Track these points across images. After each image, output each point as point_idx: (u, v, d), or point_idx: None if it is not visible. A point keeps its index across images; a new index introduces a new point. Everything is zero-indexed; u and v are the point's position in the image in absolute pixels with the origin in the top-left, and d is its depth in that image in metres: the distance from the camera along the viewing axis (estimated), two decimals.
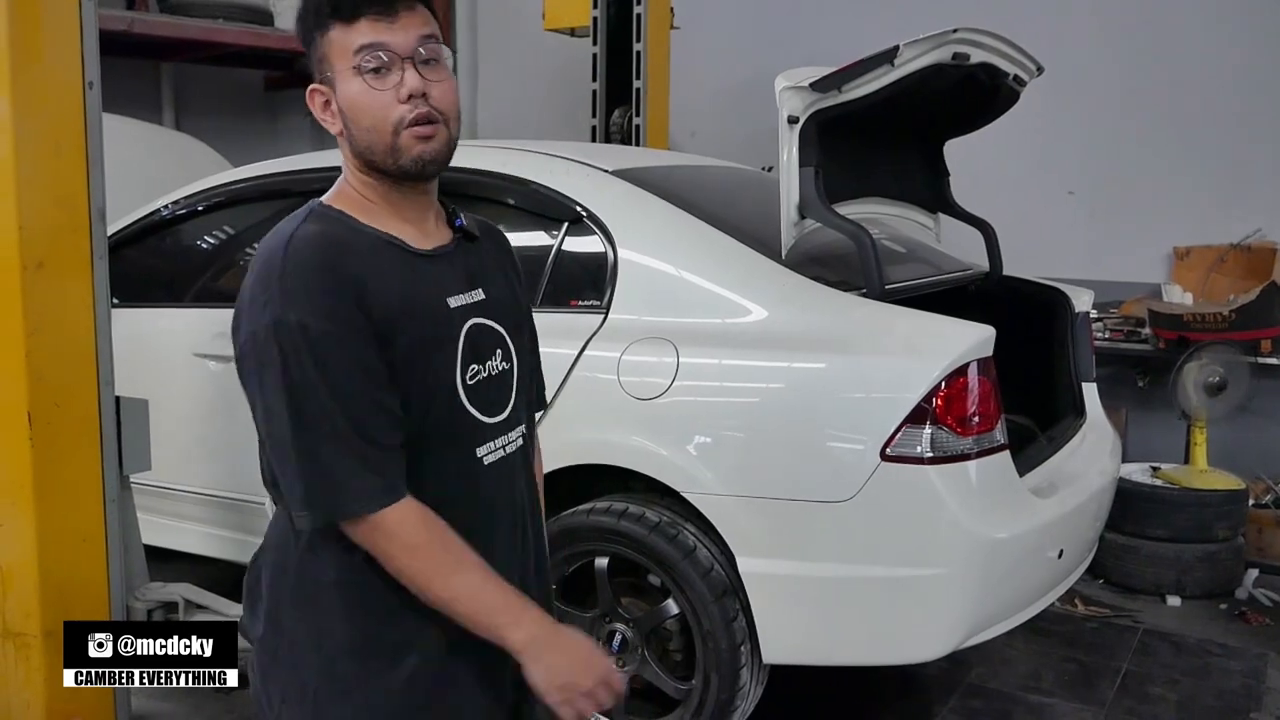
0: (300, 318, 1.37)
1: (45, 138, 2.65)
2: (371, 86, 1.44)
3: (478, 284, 1.58)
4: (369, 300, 1.42)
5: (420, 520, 1.43)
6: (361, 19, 1.44)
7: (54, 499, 2.70)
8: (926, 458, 2.53)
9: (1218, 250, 5.31)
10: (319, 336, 1.38)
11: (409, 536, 1.42)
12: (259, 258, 1.45)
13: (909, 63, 2.77)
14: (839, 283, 2.86)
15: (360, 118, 1.46)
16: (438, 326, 1.50)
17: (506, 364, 1.60)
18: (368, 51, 1.44)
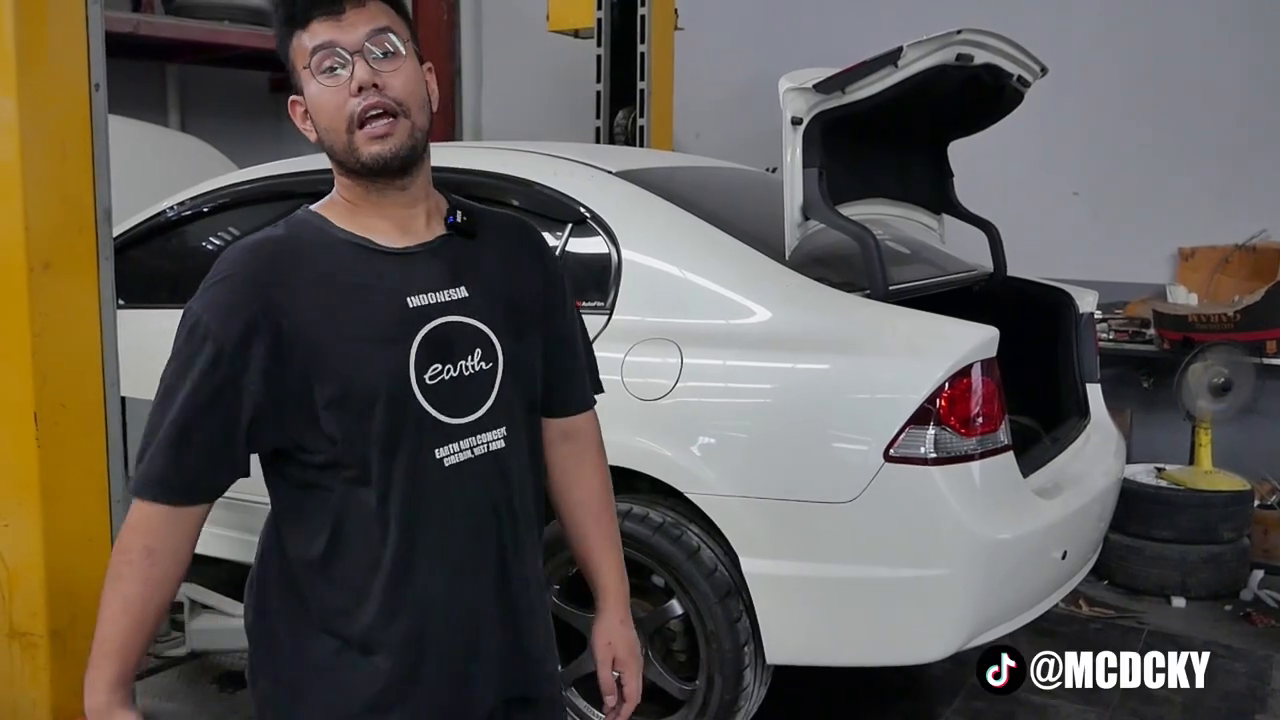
0: (205, 319, 1.44)
1: (51, 139, 2.65)
2: (325, 85, 1.47)
3: (461, 281, 1.56)
4: (292, 309, 1.46)
5: (145, 526, 1.48)
6: (312, 22, 1.48)
7: (60, 499, 2.70)
8: (930, 458, 2.53)
9: (1223, 251, 5.31)
10: (211, 343, 1.43)
11: (127, 533, 1.49)
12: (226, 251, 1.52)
13: (913, 64, 2.78)
14: (843, 283, 2.86)
15: (320, 118, 1.49)
16: (384, 327, 1.50)
17: (487, 364, 1.56)
18: (321, 52, 1.47)
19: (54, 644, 2.70)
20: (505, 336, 1.58)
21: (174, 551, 1.49)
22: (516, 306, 1.62)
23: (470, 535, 1.56)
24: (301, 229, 1.53)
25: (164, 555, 1.48)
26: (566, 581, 2.93)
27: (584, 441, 1.76)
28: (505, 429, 1.58)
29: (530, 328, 1.63)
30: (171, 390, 1.45)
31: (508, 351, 1.58)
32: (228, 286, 1.46)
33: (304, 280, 1.47)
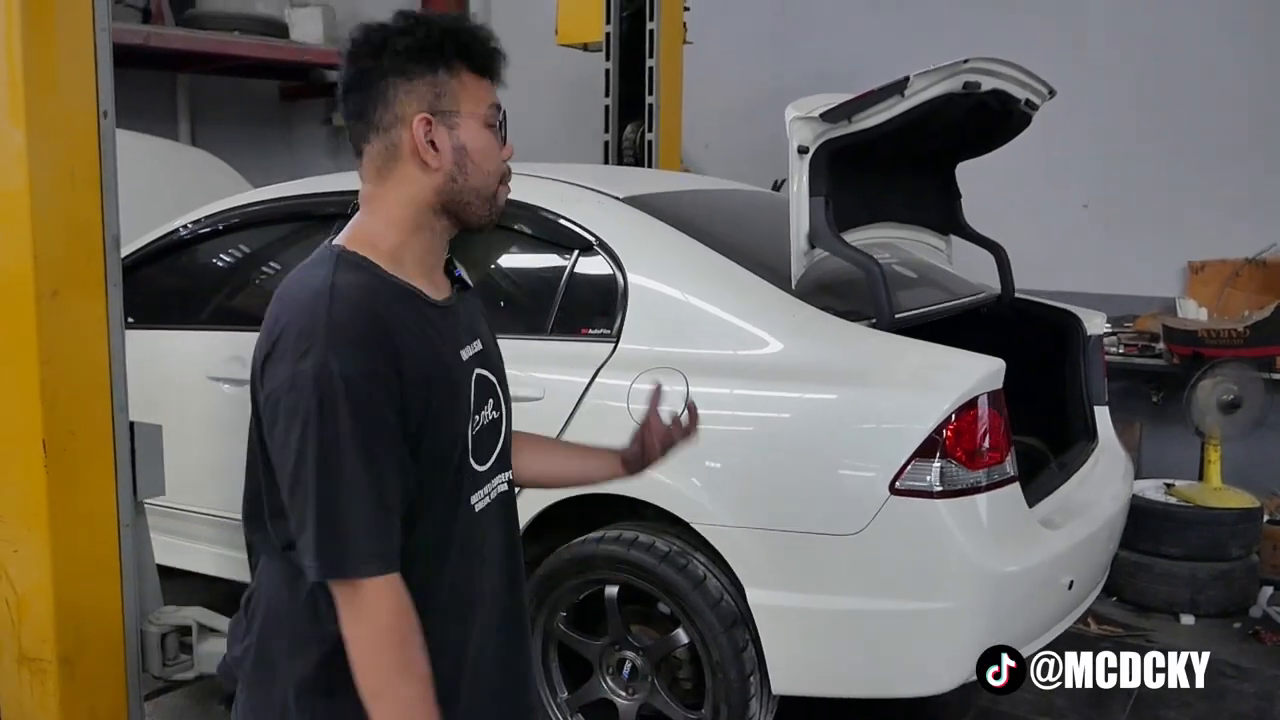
0: (344, 371, 1.37)
1: (60, 167, 2.66)
2: (495, 140, 1.55)
3: (476, 334, 1.62)
4: (403, 358, 1.43)
5: (399, 604, 1.41)
6: (488, 78, 1.55)
7: (69, 526, 2.70)
8: (936, 491, 2.53)
9: (1232, 265, 5.30)
10: (359, 394, 1.38)
11: (383, 614, 1.40)
12: (294, 300, 1.44)
13: (919, 93, 2.77)
14: (849, 312, 2.86)
15: (484, 162, 1.53)
16: (456, 381, 1.52)
17: (497, 412, 1.63)
18: (496, 110, 1.55)
19: (63, 670, 2.71)
20: (504, 385, 1.67)
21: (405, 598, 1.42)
22: (498, 356, 1.69)
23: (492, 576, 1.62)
24: (369, 275, 1.48)
25: (418, 630, 1.43)
26: (573, 609, 2.93)
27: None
28: (508, 473, 1.66)
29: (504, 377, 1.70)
30: (346, 456, 1.38)
31: (507, 399, 1.67)
32: (353, 338, 1.40)
33: (401, 329, 1.45)
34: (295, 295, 1.45)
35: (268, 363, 1.44)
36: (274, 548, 1.54)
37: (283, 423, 1.40)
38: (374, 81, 1.50)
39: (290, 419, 1.39)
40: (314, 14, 7.46)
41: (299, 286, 1.46)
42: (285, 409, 1.39)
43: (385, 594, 1.40)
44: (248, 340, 3.58)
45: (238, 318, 3.79)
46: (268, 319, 1.47)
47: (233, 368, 3.46)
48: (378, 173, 1.53)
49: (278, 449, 1.43)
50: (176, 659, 3.06)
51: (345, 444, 1.37)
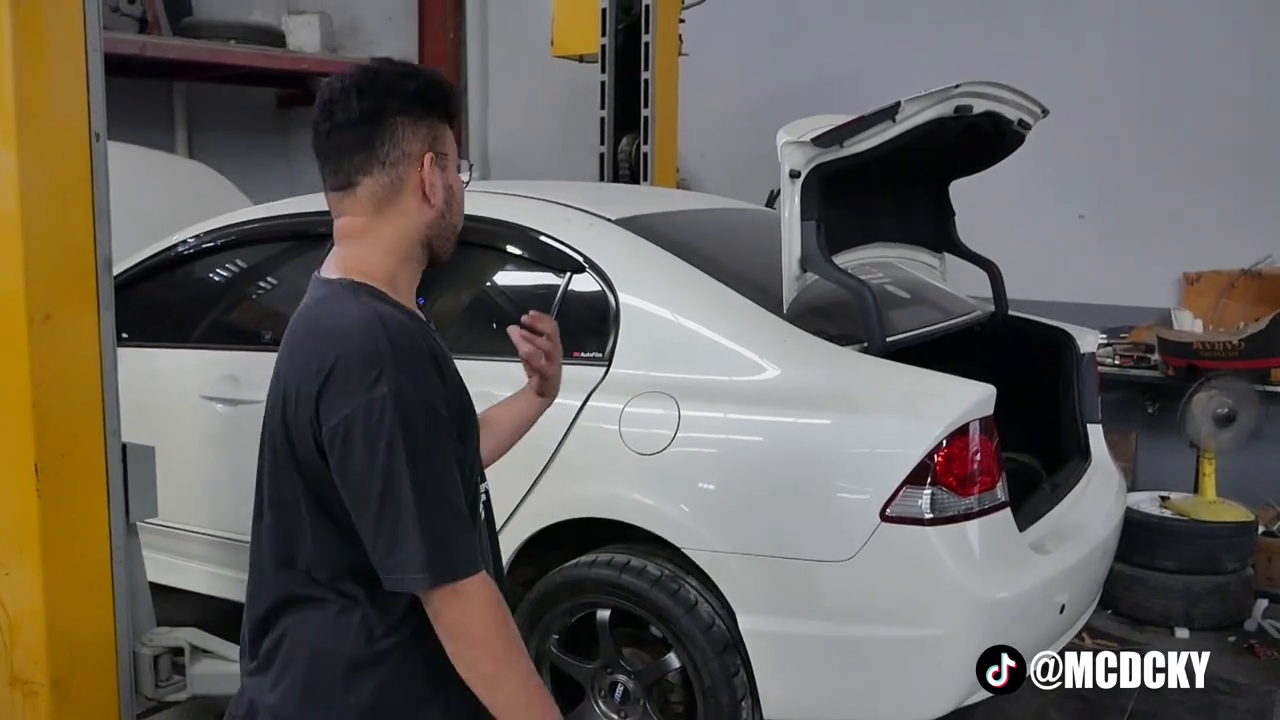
0: (417, 392, 1.47)
1: (52, 190, 2.66)
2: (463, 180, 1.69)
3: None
4: (445, 379, 1.55)
5: (496, 594, 1.52)
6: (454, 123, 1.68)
7: (61, 548, 2.71)
8: (926, 518, 2.53)
9: (1228, 276, 5.31)
10: (435, 413, 1.49)
11: (490, 607, 1.50)
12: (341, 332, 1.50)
13: (910, 117, 2.77)
14: (840, 335, 2.86)
15: (459, 205, 1.67)
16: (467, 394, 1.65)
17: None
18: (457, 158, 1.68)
19: (55, 693, 2.71)
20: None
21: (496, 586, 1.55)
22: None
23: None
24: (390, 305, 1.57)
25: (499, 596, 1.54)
26: (565, 631, 2.93)
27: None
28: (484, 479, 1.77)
29: None
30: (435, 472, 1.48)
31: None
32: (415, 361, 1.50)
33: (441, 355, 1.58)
34: (339, 327, 1.51)
35: (324, 397, 1.48)
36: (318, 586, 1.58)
37: (362, 449, 1.46)
38: (383, 119, 1.57)
39: (372, 444, 1.45)
40: (310, 22, 7.47)
41: (337, 318, 1.52)
42: (364, 435, 1.45)
43: (486, 588, 1.51)
44: (241, 359, 3.61)
45: (232, 336, 3.79)
46: (308, 355, 1.51)
47: (226, 386, 3.46)
48: (377, 206, 1.59)
49: (358, 474, 1.47)
50: (169, 680, 3.07)
51: (435, 459, 1.48)
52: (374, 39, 7.97)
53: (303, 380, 1.50)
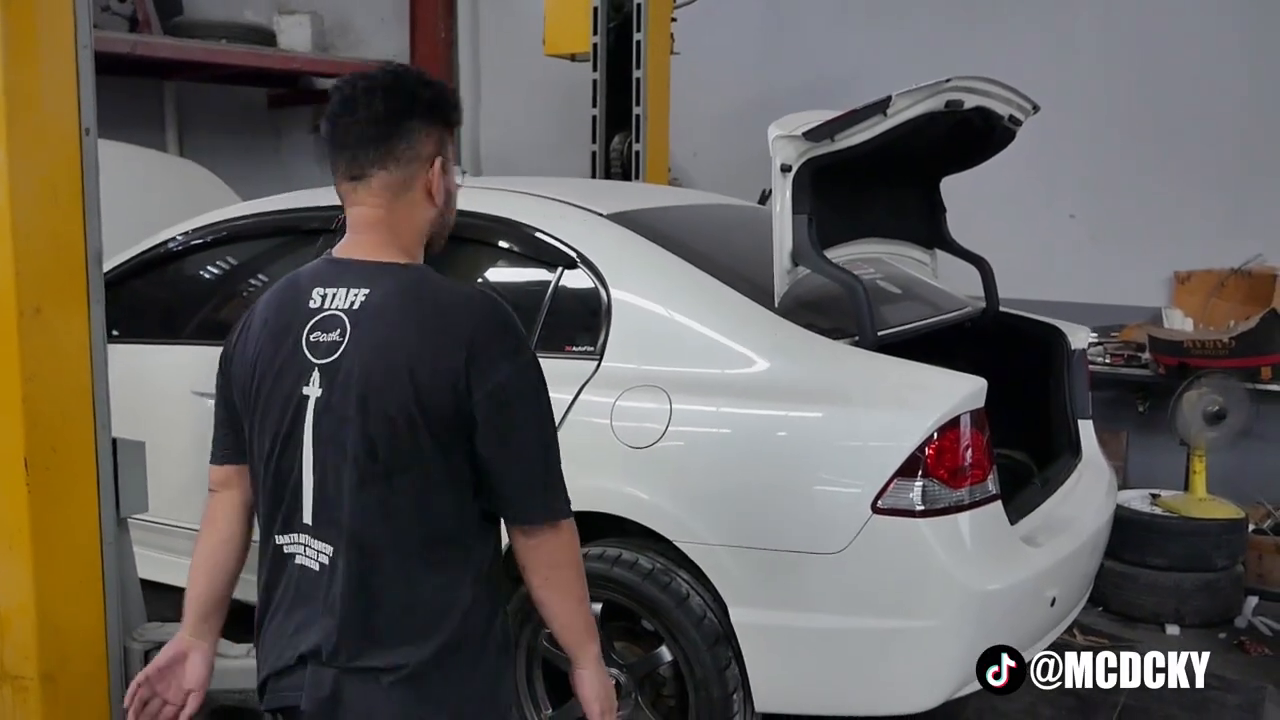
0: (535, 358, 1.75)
1: (42, 184, 2.65)
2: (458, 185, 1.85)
3: None
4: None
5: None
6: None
7: (51, 543, 2.70)
8: (918, 510, 2.54)
9: (1218, 275, 5.33)
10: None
11: (578, 543, 1.82)
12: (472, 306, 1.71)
13: (902, 112, 2.78)
14: (832, 329, 2.86)
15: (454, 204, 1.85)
16: None
17: None
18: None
19: (45, 687, 2.70)
20: None
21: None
22: None
23: None
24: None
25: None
26: None
27: None
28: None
29: None
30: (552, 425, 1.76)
31: None
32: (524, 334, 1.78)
33: None
34: (467, 303, 1.72)
35: (473, 365, 1.65)
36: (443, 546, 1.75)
37: (519, 407, 1.70)
38: (403, 120, 1.73)
39: (526, 403, 1.70)
40: (302, 22, 7.47)
41: (460, 295, 1.73)
42: (518, 396, 1.69)
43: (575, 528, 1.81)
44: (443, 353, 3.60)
45: (223, 332, 3.77)
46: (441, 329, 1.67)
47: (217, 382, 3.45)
48: (392, 197, 1.75)
49: (516, 429, 1.70)
50: None
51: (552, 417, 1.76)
52: (365, 39, 7.96)
53: (439, 351, 1.65)
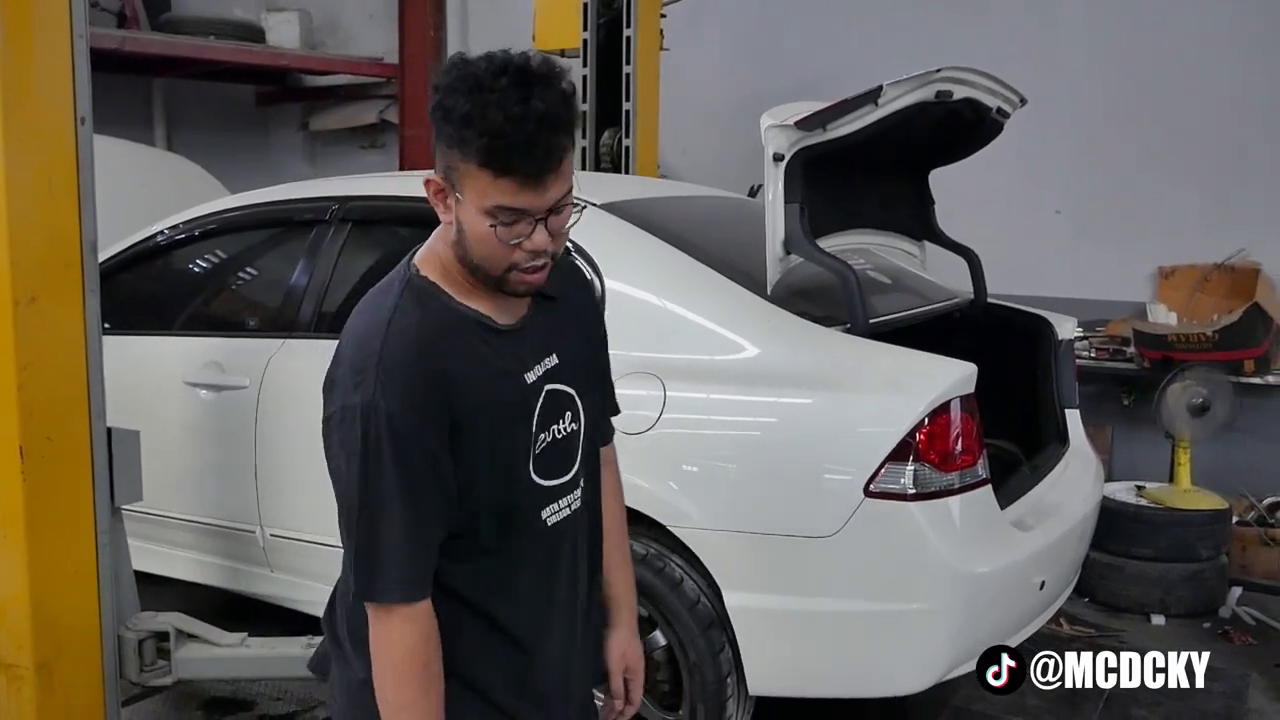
0: (389, 408, 1.43)
1: (37, 173, 2.66)
2: (498, 237, 1.44)
3: (553, 349, 1.62)
4: (454, 392, 1.47)
5: (417, 636, 1.49)
6: (508, 178, 1.40)
7: (46, 532, 2.70)
8: (909, 494, 2.56)
9: (1202, 270, 5.37)
10: (403, 430, 1.44)
11: (397, 643, 1.49)
12: (357, 330, 1.51)
13: (893, 102, 2.81)
14: (824, 316, 2.89)
15: (477, 248, 1.47)
16: (515, 406, 1.55)
17: (574, 425, 1.65)
18: (506, 213, 1.43)
19: (40, 676, 2.71)
20: (584, 396, 1.67)
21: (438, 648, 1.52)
22: (587, 362, 1.71)
23: (566, 585, 1.67)
24: (432, 304, 1.52)
25: (435, 658, 1.51)
26: None
27: (609, 466, 1.86)
28: (584, 481, 1.69)
29: (595, 378, 1.74)
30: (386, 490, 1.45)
31: (587, 409, 1.67)
32: (401, 377, 1.44)
33: (457, 362, 1.49)
34: (358, 326, 1.52)
35: (326, 387, 1.51)
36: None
37: (335, 450, 1.49)
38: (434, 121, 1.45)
39: (340, 448, 1.47)
40: (290, 19, 7.46)
41: (365, 314, 1.53)
42: (337, 438, 1.48)
43: (406, 625, 1.48)
44: (225, 346, 3.61)
45: (215, 323, 3.79)
46: (340, 341, 1.54)
47: (209, 373, 3.46)
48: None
49: (331, 471, 1.51)
50: (154, 665, 3.06)
51: (387, 478, 1.44)
52: (354, 36, 7.96)
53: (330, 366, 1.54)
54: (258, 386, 3.34)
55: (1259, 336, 4.84)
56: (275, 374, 3.32)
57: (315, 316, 3.37)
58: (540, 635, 1.64)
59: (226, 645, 3.11)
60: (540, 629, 1.64)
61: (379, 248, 3.55)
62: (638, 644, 1.89)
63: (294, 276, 3.47)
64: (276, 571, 3.46)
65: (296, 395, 3.29)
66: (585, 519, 1.70)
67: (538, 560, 1.62)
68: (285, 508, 3.34)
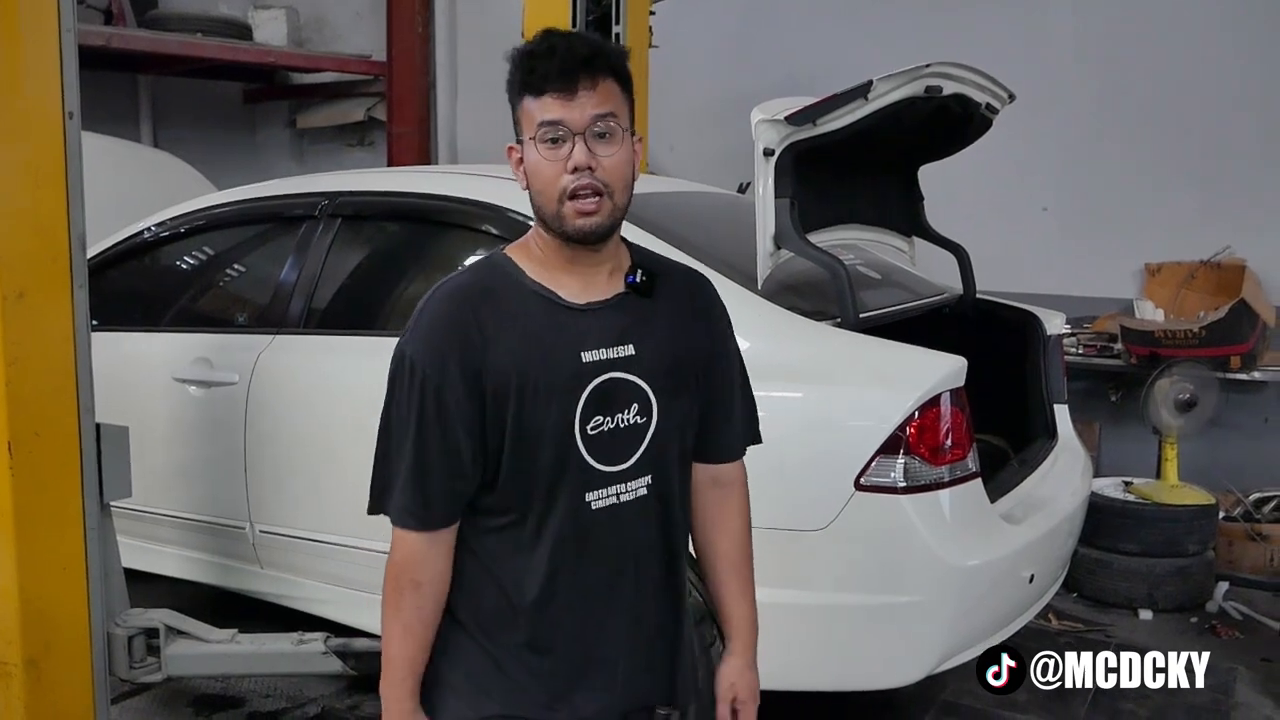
0: (414, 358, 1.60)
1: (25, 168, 2.65)
2: (544, 157, 1.58)
3: (630, 340, 1.67)
4: (488, 353, 1.59)
5: (410, 556, 1.64)
6: (545, 94, 1.57)
7: (34, 528, 2.69)
8: (900, 487, 2.57)
9: (1188, 267, 5.40)
10: (422, 377, 1.59)
11: (397, 556, 1.65)
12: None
13: (882, 97, 2.82)
14: (814, 311, 2.90)
15: (534, 181, 1.61)
16: (561, 378, 1.62)
17: (642, 418, 1.68)
18: (547, 127, 1.57)
19: (28, 673, 2.69)
20: (663, 394, 1.69)
21: (437, 576, 1.65)
22: (679, 365, 1.72)
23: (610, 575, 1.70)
24: (495, 275, 1.66)
25: (428, 582, 1.65)
26: None
27: (731, 488, 1.87)
28: (651, 478, 1.70)
29: (690, 384, 1.75)
30: (400, 424, 1.61)
31: (663, 408, 1.69)
32: (430, 328, 1.61)
33: (496, 326, 1.61)
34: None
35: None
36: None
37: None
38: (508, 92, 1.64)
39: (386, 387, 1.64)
40: (277, 16, 7.44)
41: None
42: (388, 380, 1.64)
43: (404, 543, 1.64)
44: (214, 342, 3.60)
45: (203, 319, 3.78)
46: None
47: (198, 369, 3.45)
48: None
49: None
50: (144, 661, 3.05)
51: (402, 413, 1.61)
52: (341, 33, 7.94)
53: None
54: (247, 382, 3.33)
55: (1245, 332, 4.86)
56: (265, 370, 3.32)
57: (305, 312, 3.36)
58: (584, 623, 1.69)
59: (216, 642, 3.10)
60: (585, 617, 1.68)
61: (369, 243, 3.54)
62: (752, 676, 1.89)
63: (283, 272, 3.46)
64: (266, 568, 3.45)
65: (286, 391, 3.29)
66: (653, 517, 1.72)
67: (572, 541, 1.65)
68: (275, 504, 3.33)
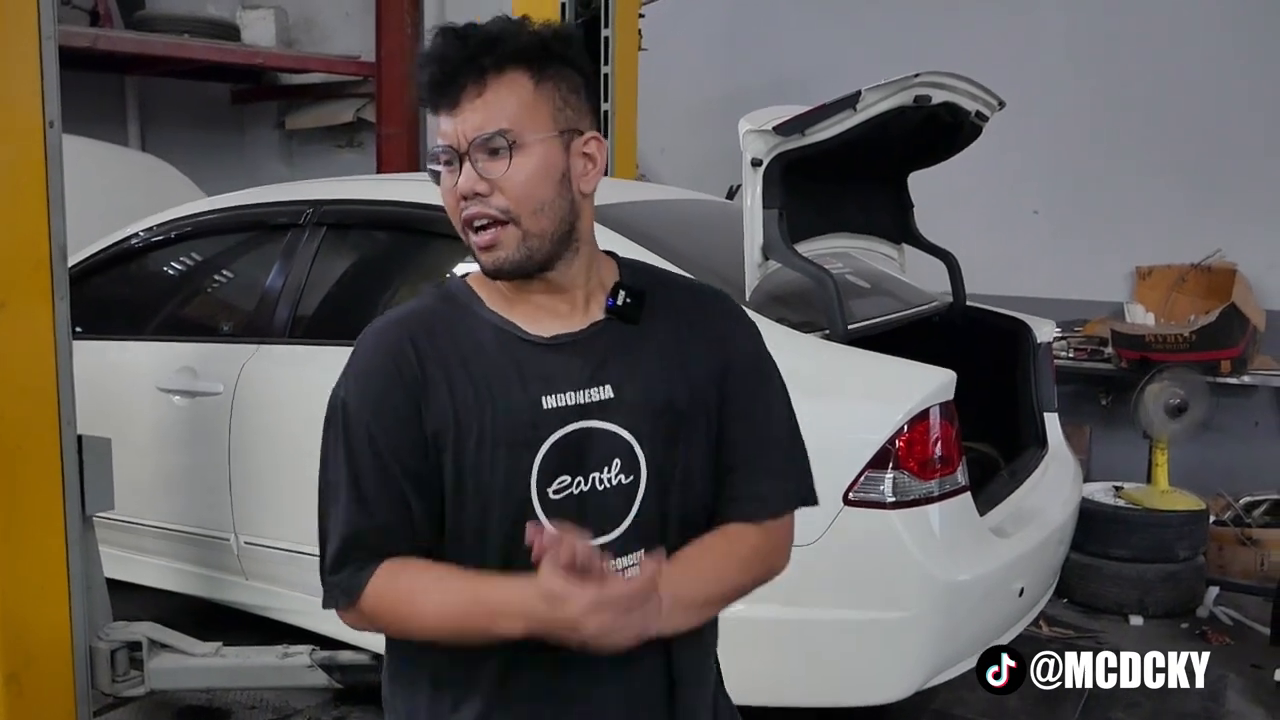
0: (347, 399, 1.37)
1: (5, 178, 2.63)
2: (444, 185, 1.36)
3: (607, 379, 1.38)
4: (430, 396, 1.35)
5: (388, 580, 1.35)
6: (439, 110, 1.33)
7: (15, 541, 2.67)
8: (889, 502, 2.56)
9: (1179, 270, 5.40)
10: (356, 422, 1.36)
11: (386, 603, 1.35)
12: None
13: (871, 107, 2.80)
14: (802, 323, 2.88)
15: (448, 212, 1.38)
16: (509, 429, 1.34)
17: (628, 477, 1.38)
18: (438, 150, 1.35)
19: (9, 687, 2.68)
20: (654, 444, 1.39)
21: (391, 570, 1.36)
22: (674, 406, 1.41)
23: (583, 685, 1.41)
24: (445, 304, 1.42)
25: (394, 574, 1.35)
26: None
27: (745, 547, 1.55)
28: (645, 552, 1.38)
29: (695, 427, 1.43)
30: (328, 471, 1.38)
31: (654, 463, 1.40)
32: (364, 368, 1.38)
33: (437, 363, 1.36)
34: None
35: None
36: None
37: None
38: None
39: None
40: (266, 16, 7.39)
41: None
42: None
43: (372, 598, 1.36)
44: (198, 351, 3.57)
45: (188, 328, 3.75)
46: None
47: (181, 379, 3.43)
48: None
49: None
50: (127, 675, 3.04)
51: (332, 460, 1.38)
52: (330, 34, 7.90)
53: None
54: (231, 392, 3.31)
55: (1235, 337, 4.86)
56: (249, 380, 3.29)
57: (290, 322, 3.33)
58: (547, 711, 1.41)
59: (201, 655, 3.08)
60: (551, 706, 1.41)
61: (354, 252, 3.52)
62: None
63: (268, 281, 3.43)
64: (251, 579, 3.42)
65: (271, 401, 3.26)
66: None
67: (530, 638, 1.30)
68: (260, 515, 3.31)
